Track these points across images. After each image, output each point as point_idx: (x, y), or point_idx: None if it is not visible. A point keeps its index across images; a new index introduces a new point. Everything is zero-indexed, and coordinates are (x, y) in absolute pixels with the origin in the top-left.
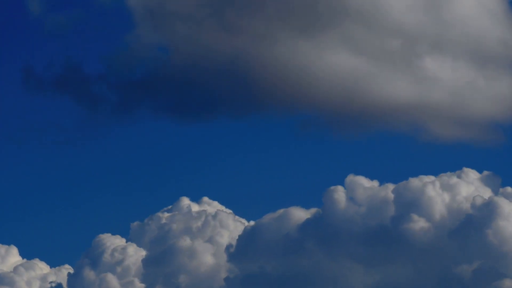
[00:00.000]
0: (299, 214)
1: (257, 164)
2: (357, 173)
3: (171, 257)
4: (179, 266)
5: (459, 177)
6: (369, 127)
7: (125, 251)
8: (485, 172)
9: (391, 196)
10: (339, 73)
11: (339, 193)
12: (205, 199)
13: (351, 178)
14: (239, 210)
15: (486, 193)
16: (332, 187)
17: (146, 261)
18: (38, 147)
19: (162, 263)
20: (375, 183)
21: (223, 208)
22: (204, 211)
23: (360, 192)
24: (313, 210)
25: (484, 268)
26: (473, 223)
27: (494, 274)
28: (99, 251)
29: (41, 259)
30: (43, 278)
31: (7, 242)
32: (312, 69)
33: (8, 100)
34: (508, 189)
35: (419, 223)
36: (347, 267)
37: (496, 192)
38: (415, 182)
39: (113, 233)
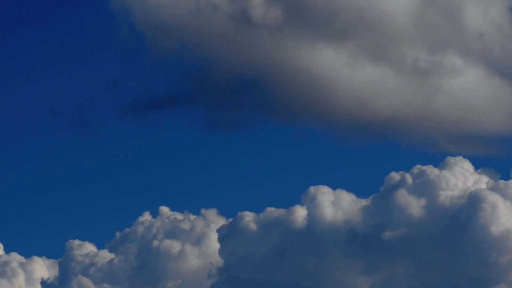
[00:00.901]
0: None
1: (258, 169)
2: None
3: (155, 263)
4: (164, 271)
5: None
6: (378, 137)
7: (107, 261)
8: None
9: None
10: (354, 82)
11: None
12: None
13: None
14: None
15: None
16: (312, 188)
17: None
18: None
19: (146, 271)
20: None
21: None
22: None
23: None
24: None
25: (478, 276)
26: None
27: (488, 280)
28: (80, 260)
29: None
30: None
31: None
32: (326, 79)
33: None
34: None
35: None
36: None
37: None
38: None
39: (97, 244)
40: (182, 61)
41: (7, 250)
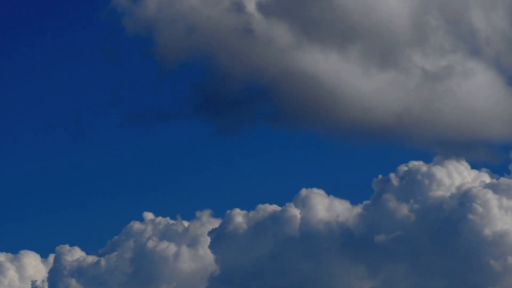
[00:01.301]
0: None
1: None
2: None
3: (150, 267)
4: (158, 275)
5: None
6: (381, 141)
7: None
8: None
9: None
10: (360, 88)
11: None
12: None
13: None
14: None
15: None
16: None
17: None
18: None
19: (140, 274)
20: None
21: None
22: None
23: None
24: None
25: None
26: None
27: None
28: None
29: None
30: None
31: None
32: (332, 85)
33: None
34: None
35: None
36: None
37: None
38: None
39: (89, 249)
40: (186, 72)
41: None
